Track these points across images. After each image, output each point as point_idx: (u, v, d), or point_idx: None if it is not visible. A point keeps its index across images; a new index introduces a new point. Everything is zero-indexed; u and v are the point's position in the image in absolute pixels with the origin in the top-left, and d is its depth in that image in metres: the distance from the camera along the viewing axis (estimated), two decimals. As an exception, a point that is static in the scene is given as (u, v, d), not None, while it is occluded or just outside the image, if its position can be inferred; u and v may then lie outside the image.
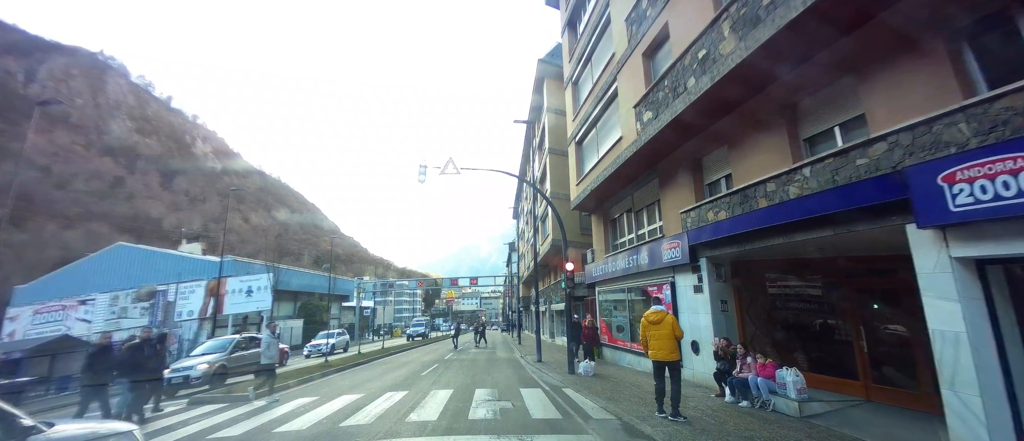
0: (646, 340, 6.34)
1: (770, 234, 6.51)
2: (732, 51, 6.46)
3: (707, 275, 8.21)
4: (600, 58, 13.36)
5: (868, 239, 5.64)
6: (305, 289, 35.74)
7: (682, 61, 7.79)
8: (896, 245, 5.64)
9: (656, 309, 6.40)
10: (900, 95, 5.24)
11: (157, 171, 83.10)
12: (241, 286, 24.40)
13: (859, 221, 5.29)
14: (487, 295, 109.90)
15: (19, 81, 71.76)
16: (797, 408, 6.11)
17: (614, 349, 12.99)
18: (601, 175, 11.95)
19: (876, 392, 6.62)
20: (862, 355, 6.80)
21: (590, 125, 13.75)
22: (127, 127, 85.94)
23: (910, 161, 4.85)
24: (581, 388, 8.39)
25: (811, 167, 5.95)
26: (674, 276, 9.33)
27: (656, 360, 6.21)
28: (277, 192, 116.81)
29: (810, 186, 5.93)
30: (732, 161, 7.96)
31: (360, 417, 6.38)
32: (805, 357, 7.74)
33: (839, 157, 5.59)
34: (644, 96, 9.28)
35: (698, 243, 8.27)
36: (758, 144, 7.26)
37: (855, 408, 6.42)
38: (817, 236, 5.82)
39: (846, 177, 5.47)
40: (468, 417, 6.25)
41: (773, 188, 6.55)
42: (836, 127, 6.21)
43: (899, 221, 4.95)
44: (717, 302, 8.19)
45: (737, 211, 7.26)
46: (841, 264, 7.08)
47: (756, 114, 7.23)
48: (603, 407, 6.64)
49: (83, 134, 75.28)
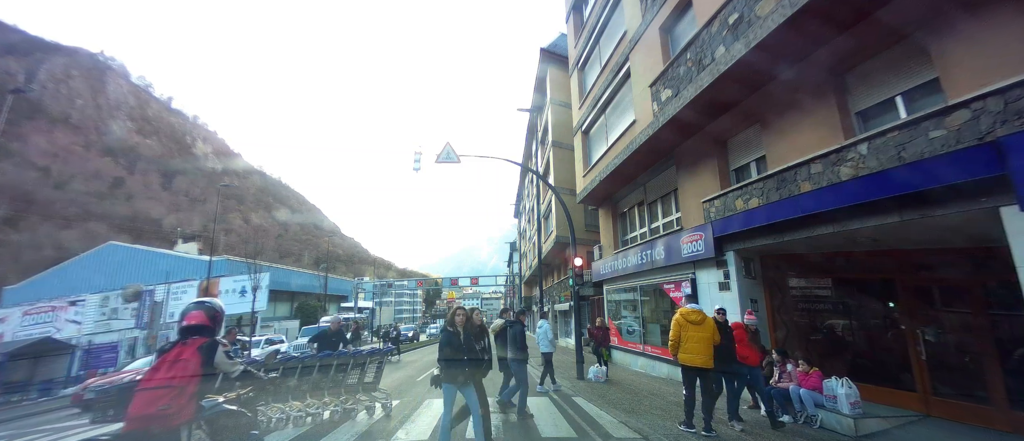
0: (678, 340, 5.42)
1: (817, 222, 5.61)
2: (773, 10, 5.56)
3: (735, 270, 7.31)
4: (610, 38, 12.46)
5: (944, 227, 4.74)
6: (303, 289, 34.98)
7: (709, 29, 6.89)
8: (982, 234, 4.76)
9: (694, 307, 5.51)
10: (987, 53, 4.34)
11: (157, 171, 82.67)
12: (234, 286, 23.63)
13: (937, 205, 4.39)
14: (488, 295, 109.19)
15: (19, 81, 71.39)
16: (852, 426, 5.22)
17: (625, 352, 12.10)
18: (611, 164, 11.06)
19: (938, 406, 5.71)
20: (920, 363, 5.89)
21: (599, 111, 12.84)
22: (127, 127, 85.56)
23: (1003, 131, 3.96)
24: (594, 397, 7.50)
25: (869, 143, 5.05)
26: (695, 272, 8.43)
27: (689, 365, 5.32)
28: (277, 192, 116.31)
29: (868, 165, 5.03)
30: (766, 141, 7.05)
31: (339, 435, 5.51)
32: (846, 364, 6.82)
33: (906, 130, 4.69)
34: (662, 73, 8.38)
35: (724, 235, 7.38)
36: (800, 120, 6.35)
37: (917, 425, 5.53)
38: (878, 224, 4.93)
39: (916, 153, 4.57)
40: (466, 436, 5.38)
41: (819, 169, 5.64)
42: (898, 96, 5.30)
43: (990, 203, 4.06)
44: (746, 301, 7.29)
45: (773, 197, 6.36)
46: (897, 258, 6.17)
47: (798, 85, 6.31)
48: (623, 422, 5.76)
49: (83, 134, 74.88)
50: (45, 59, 77.67)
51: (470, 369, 4.50)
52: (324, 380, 6.42)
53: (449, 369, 4.45)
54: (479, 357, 4.67)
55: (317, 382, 6.40)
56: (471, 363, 4.52)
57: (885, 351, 6.51)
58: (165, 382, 2.61)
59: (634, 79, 10.25)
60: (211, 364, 2.80)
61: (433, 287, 65.39)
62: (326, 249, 68.35)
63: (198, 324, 2.96)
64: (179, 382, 2.63)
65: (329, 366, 6.47)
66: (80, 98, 79.04)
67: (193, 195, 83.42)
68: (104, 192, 69.31)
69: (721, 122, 7.89)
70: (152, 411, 2.53)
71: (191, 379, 2.67)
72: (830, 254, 6.98)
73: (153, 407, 2.54)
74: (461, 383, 4.44)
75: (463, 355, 4.46)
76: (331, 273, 42.08)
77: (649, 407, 6.71)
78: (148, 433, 2.51)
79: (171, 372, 2.66)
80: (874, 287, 6.76)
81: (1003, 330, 5.29)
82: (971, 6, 4.49)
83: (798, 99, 6.37)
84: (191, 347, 2.79)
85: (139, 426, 2.52)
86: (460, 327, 4.56)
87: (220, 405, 3.21)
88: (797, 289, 7.65)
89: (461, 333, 4.54)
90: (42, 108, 69.00)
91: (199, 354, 2.76)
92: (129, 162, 78.82)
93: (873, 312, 6.79)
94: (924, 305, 6.08)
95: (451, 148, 10.89)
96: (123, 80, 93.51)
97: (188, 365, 2.70)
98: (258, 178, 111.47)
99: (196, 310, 3.03)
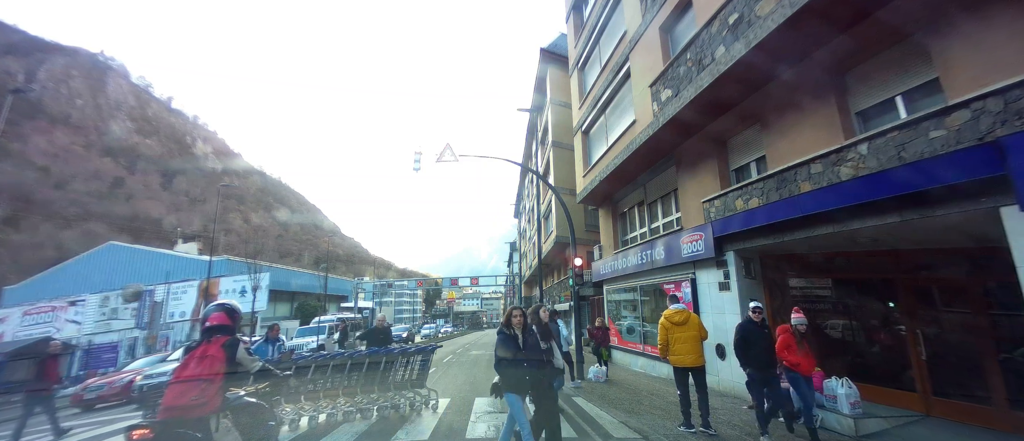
0: (666, 343, 5.49)
1: (817, 223, 5.61)
2: (773, 10, 5.56)
3: (735, 270, 7.31)
4: (610, 38, 12.46)
5: (944, 227, 4.74)
6: (303, 289, 34.95)
7: (709, 29, 6.89)
8: (982, 234, 4.76)
9: (677, 308, 5.58)
10: (987, 53, 4.35)
11: (157, 171, 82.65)
12: (234, 286, 23.63)
13: (937, 205, 4.39)
14: (488, 296, 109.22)
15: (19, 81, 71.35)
16: (852, 425, 5.22)
17: (625, 352, 12.10)
18: (611, 164, 11.06)
19: (939, 406, 5.71)
20: (920, 363, 5.89)
21: (599, 111, 12.84)
22: (127, 127, 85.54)
23: (1003, 131, 3.96)
24: (594, 397, 7.50)
25: (869, 143, 5.05)
26: (695, 272, 8.43)
27: (680, 366, 5.38)
28: (277, 192, 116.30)
29: (868, 165, 5.03)
30: (766, 142, 7.05)
31: (338, 436, 5.51)
32: (846, 364, 6.82)
33: (907, 130, 4.69)
34: (662, 73, 8.38)
35: (724, 235, 7.38)
36: (800, 120, 6.35)
37: (917, 425, 5.53)
38: (878, 224, 4.93)
39: (916, 153, 4.57)
40: (466, 436, 5.38)
41: (819, 169, 5.64)
42: (898, 97, 5.30)
43: (990, 203, 4.06)
44: (746, 301, 7.25)
45: (773, 197, 6.36)
46: (897, 258, 6.17)
47: (798, 85, 6.31)
48: (623, 422, 5.75)
49: (83, 134, 74.86)
50: (45, 59, 77.63)
51: (534, 375, 4.03)
52: (374, 376, 6.57)
53: (510, 376, 3.96)
54: (542, 359, 4.19)
55: (369, 378, 6.55)
56: (534, 366, 4.03)
57: (885, 351, 6.51)
58: (194, 376, 2.87)
59: (634, 79, 10.25)
60: (234, 360, 3.06)
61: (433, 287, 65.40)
62: (326, 249, 68.31)
63: (220, 324, 3.20)
64: (207, 376, 2.89)
65: (378, 363, 6.61)
66: (80, 98, 79.02)
67: (193, 195, 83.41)
68: (104, 192, 69.29)
69: (721, 122, 7.89)
70: (184, 402, 2.80)
71: (217, 373, 2.93)
72: (830, 254, 6.98)
73: (185, 398, 2.81)
74: (526, 391, 3.98)
75: (522, 358, 3.98)
76: (331, 273, 42.06)
77: (649, 407, 6.71)
78: (181, 422, 2.77)
79: (199, 367, 2.91)
80: (874, 287, 6.76)
81: (1003, 330, 5.29)
82: (971, 6, 4.49)
83: (798, 99, 6.37)
84: (216, 344, 3.04)
85: (173, 415, 2.78)
86: (518, 330, 4.13)
87: (242, 397, 3.53)
88: (797, 289, 7.65)
89: (519, 336, 4.11)
90: (42, 108, 68.97)
91: (224, 351, 3.02)
92: (129, 162, 78.79)
93: (873, 312, 6.79)
94: (924, 305, 6.08)
95: (451, 148, 10.89)
96: (123, 80, 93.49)
97: (214, 361, 2.95)
98: (258, 178, 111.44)
99: (217, 312, 3.27)
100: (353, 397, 6.43)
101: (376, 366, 6.57)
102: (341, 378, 6.37)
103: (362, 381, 6.50)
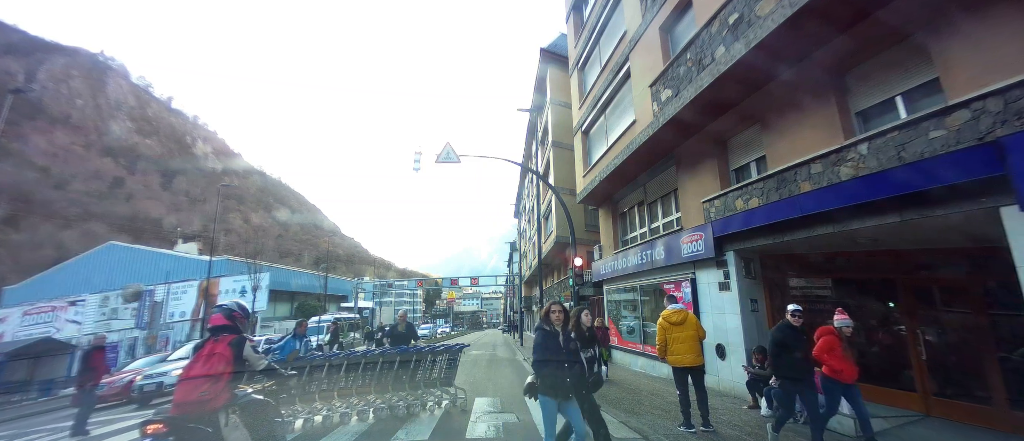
0: (664, 343, 5.50)
1: (817, 222, 5.61)
2: (773, 10, 5.56)
3: (735, 270, 7.31)
4: (610, 38, 12.46)
5: (944, 227, 4.75)
6: (303, 289, 34.98)
7: (709, 29, 6.89)
8: (982, 234, 4.76)
9: (675, 308, 5.59)
10: (987, 53, 4.35)
11: (157, 171, 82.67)
12: (235, 286, 23.63)
13: (937, 205, 4.40)
14: (488, 296, 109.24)
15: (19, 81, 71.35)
16: (854, 425, 5.20)
17: (625, 352, 12.10)
18: (611, 164, 11.06)
19: (939, 406, 5.72)
20: (920, 363, 5.90)
21: (599, 111, 12.85)
22: (127, 127, 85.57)
23: (1003, 131, 3.96)
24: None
25: (869, 143, 5.05)
26: (695, 272, 8.44)
27: (678, 366, 5.39)
28: (277, 192, 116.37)
29: (869, 165, 5.03)
30: (766, 142, 7.05)
31: (339, 436, 5.51)
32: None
33: (906, 130, 4.69)
34: (662, 73, 8.38)
35: (724, 235, 7.38)
36: (800, 120, 6.35)
37: (917, 425, 5.53)
38: (878, 224, 4.93)
39: (916, 153, 4.57)
40: (466, 436, 5.38)
41: (819, 169, 5.65)
42: (898, 97, 5.30)
43: (990, 203, 4.06)
44: (746, 301, 7.30)
45: (773, 197, 6.37)
46: (897, 258, 6.17)
47: (798, 85, 6.31)
48: (623, 422, 5.75)
49: (83, 134, 74.89)
50: (45, 59, 77.66)
51: (575, 379, 3.63)
52: (404, 373, 6.64)
53: (549, 377, 3.56)
54: (582, 361, 3.85)
55: (397, 376, 6.60)
56: (575, 369, 3.65)
57: (885, 351, 6.51)
58: (203, 373, 2.98)
59: (634, 79, 10.25)
60: (241, 358, 3.16)
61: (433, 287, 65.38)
62: (326, 249, 68.35)
63: (219, 325, 3.33)
64: (215, 373, 3.01)
65: (408, 361, 6.67)
66: (80, 98, 79.04)
67: (193, 195, 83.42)
68: (104, 192, 69.32)
69: (721, 122, 7.90)
70: (194, 398, 2.91)
71: (224, 371, 3.03)
72: (830, 254, 6.98)
73: (194, 394, 2.92)
74: (565, 396, 3.57)
75: (565, 359, 3.61)
76: (331, 273, 42.08)
77: (649, 407, 6.71)
78: (192, 416, 2.87)
79: (207, 364, 3.03)
80: (874, 287, 6.76)
81: (1003, 330, 5.29)
82: (971, 6, 4.49)
83: (798, 99, 6.37)
84: (223, 343, 3.15)
85: (184, 411, 2.88)
86: (557, 326, 3.75)
87: (250, 394, 3.63)
88: (797, 289, 7.65)
89: (560, 334, 3.72)
90: (42, 108, 68.98)
91: (231, 349, 3.12)
92: (129, 162, 78.83)
93: (873, 312, 6.79)
94: (924, 305, 6.08)
95: (451, 148, 10.89)
96: (123, 80, 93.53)
97: (221, 359, 3.06)
98: (258, 178, 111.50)
99: (216, 313, 3.44)
100: (366, 395, 6.42)
101: (405, 365, 6.63)
102: (371, 376, 6.41)
103: (391, 380, 6.55)
